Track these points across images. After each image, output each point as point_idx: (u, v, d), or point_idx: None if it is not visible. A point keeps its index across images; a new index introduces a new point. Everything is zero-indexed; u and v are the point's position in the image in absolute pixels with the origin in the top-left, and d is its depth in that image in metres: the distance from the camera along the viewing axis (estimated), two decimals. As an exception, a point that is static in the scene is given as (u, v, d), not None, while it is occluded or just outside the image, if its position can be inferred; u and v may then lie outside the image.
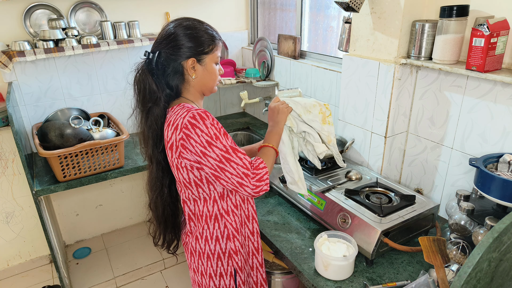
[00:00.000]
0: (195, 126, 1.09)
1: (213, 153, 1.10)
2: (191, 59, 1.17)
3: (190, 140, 1.10)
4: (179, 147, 1.13)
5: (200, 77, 1.22)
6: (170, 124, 1.15)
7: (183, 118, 1.11)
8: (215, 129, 1.11)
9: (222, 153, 1.10)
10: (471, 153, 1.49)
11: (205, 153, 1.10)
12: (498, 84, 1.34)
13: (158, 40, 1.20)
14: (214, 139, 1.10)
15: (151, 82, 1.17)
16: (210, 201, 1.24)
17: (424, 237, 1.21)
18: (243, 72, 2.82)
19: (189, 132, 1.10)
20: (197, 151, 1.10)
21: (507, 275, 0.92)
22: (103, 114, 2.43)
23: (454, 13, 1.35)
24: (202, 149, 1.10)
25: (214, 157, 1.10)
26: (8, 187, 2.47)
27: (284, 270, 1.82)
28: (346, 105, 1.85)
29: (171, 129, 1.14)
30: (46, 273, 2.63)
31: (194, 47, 1.17)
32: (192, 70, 1.19)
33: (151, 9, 2.56)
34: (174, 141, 1.13)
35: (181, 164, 1.17)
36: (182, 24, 1.18)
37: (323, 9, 2.32)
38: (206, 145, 1.09)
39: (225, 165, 1.11)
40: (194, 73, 1.20)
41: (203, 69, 1.21)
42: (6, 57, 2.05)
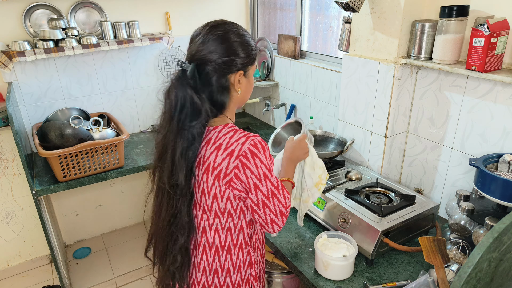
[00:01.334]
0: (255, 156, 0.99)
1: (265, 188, 1.02)
2: (239, 71, 1.04)
3: (246, 170, 0.99)
4: (231, 175, 1.00)
5: (244, 91, 1.09)
6: (221, 148, 1.01)
7: (241, 145, 0.99)
8: (271, 161, 1.03)
9: (273, 188, 1.03)
10: (471, 153, 1.49)
11: (258, 186, 1.01)
12: (498, 84, 1.34)
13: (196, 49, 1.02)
14: (270, 172, 1.02)
15: (193, 95, 0.99)
16: (235, 230, 1.12)
17: (424, 237, 1.21)
18: (243, 72, 2.81)
19: (247, 162, 0.99)
20: (249, 182, 1.00)
21: (507, 275, 0.92)
22: (103, 114, 2.43)
23: (454, 13, 1.35)
24: (257, 181, 1.00)
25: (264, 192, 1.02)
26: (8, 187, 2.47)
27: (284, 270, 1.82)
28: (346, 105, 1.85)
29: (223, 154, 1.00)
30: (46, 273, 2.63)
31: (245, 58, 1.04)
32: (239, 84, 1.05)
33: (151, 9, 2.56)
34: (224, 168, 1.00)
35: (222, 193, 1.03)
36: (232, 29, 1.03)
37: (323, 9, 2.32)
38: (263, 178, 1.01)
39: (269, 201, 1.03)
40: (240, 87, 1.06)
41: (247, 82, 1.09)
42: (6, 57, 2.05)
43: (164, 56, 2.67)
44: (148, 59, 2.64)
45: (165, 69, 2.71)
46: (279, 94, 2.63)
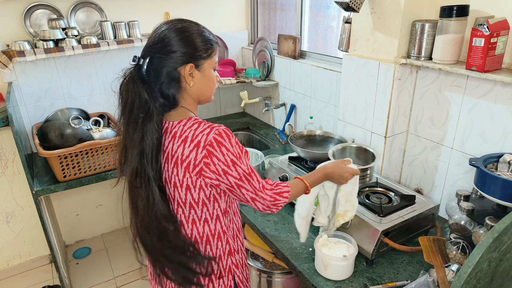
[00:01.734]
0: (221, 144, 1.03)
1: (235, 172, 1.05)
2: (189, 65, 1.07)
3: (213, 158, 1.03)
4: (200, 165, 1.03)
5: (198, 84, 1.11)
6: (187, 141, 1.04)
7: (206, 135, 1.03)
8: (239, 148, 1.07)
9: (244, 173, 1.07)
10: (471, 153, 1.49)
11: (227, 172, 1.04)
12: (498, 84, 1.34)
13: (149, 44, 1.08)
14: (238, 158, 1.05)
15: (142, 91, 1.03)
16: (212, 220, 1.15)
17: (424, 237, 1.21)
18: (243, 72, 2.82)
19: (213, 150, 1.02)
20: (218, 169, 1.04)
21: (507, 275, 0.92)
22: (103, 114, 2.43)
23: (454, 13, 1.35)
24: (225, 168, 1.04)
25: (235, 176, 1.06)
26: (8, 187, 2.47)
27: (284, 270, 1.82)
28: (346, 105, 1.85)
29: (190, 146, 1.04)
30: (46, 273, 2.63)
31: (192, 52, 1.07)
32: (190, 77, 1.08)
33: (151, 9, 2.56)
34: (193, 159, 1.03)
35: (194, 183, 1.07)
36: (177, 26, 1.08)
37: (323, 9, 2.32)
38: (230, 164, 1.04)
39: (243, 182, 1.07)
40: (192, 80, 1.09)
41: (201, 76, 1.11)
42: (6, 57, 2.05)
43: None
44: (148, 59, 2.63)
45: (165, 69, 2.70)
46: (279, 94, 2.63)
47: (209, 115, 3.05)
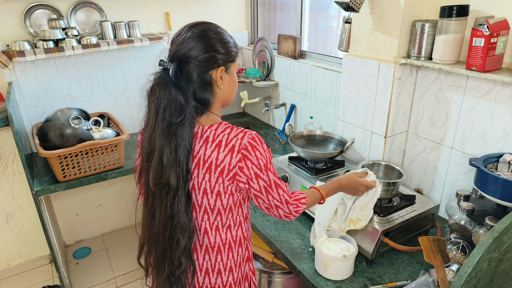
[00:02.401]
0: (255, 148, 1.03)
1: (266, 177, 1.05)
2: (220, 68, 1.06)
3: (247, 162, 1.02)
4: (235, 170, 1.03)
5: (227, 87, 1.10)
6: (221, 145, 1.02)
7: (240, 139, 1.02)
8: (269, 154, 1.07)
9: (274, 178, 1.07)
10: (471, 153, 1.49)
11: (258, 175, 1.04)
12: (498, 84, 1.34)
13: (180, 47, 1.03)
14: (269, 163, 1.06)
15: (176, 95, 1.00)
16: (235, 227, 1.13)
17: (424, 237, 1.21)
18: (243, 72, 2.82)
19: (248, 154, 1.02)
20: (251, 172, 1.03)
21: (507, 275, 0.92)
22: (103, 114, 2.43)
23: (454, 13, 1.35)
24: (258, 171, 1.04)
25: (266, 180, 1.05)
26: (8, 187, 2.47)
27: (284, 270, 1.82)
28: (346, 105, 1.85)
29: (224, 150, 1.02)
30: (46, 273, 2.63)
31: (225, 54, 1.06)
32: (221, 80, 1.07)
33: (151, 9, 2.56)
34: (228, 164, 1.02)
35: (226, 189, 1.05)
36: (205, 29, 1.05)
37: (323, 9, 2.32)
38: (263, 168, 1.04)
39: (271, 189, 1.07)
40: (222, 84, 1.08)
41: (229, 79, 1.10)
42: (6, 57, 2.05)
43: (164, 56, 2.67)
44: (148, 59, 2.64)
45: (165, 69, 2.70)
46: (279, 94, 2.63)
47: (209, 115, 3.04)
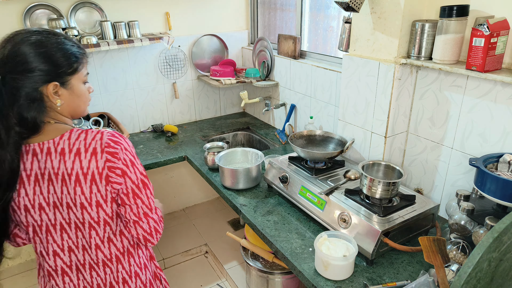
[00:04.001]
0: (118, 143, 0.98)
1: (134, 175, 1.01)
2: (52, 83, 0.94)
3: (115, 158, 0.97)
4: (105, 171, 0.96)
5: (68, 102, 1.00)
6: (81, 152, 0.95)
7: (100, 140, 0.96)
8: (133, 150, 1.03)
9: (142, 177, 1.03)
10: (471, 153, 1.49)
11: (126, 173, 0.99)
12: (498, 84, 1.34)
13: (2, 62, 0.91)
14: (135, 159, 1.02)
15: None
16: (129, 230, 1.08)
17: (424, 237, 1.21)
18: (243, 72, 2.82)
19: (114, 150, 0.97)
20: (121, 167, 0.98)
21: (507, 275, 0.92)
22: (103, 114, 2.43)
23: (454, 13, 1.35)
24: (124, 168, 0.99)
25: (133, 179, 1.01)
26: (8, 187, 2.47)
27: (284, 270, 1.82)
28: (346, 105, 1.85)
29: (86, 157, 0.95)
30: (46, 273, 2.63)
31: (54, 69, 0.94)
32: (56, 96, 0.96)
33: (151, 9, 2.56)
34: (95, 168, 0.95)
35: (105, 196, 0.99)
36: (31, 39, 0.92)
37: (323, 9, 2.32)
38: (129, 164, 1.00)
39: (140, 191, 1.02)
40: (59, 99, 0.97)
41: (69, 93, 0.99)
42: (6, 57, 2.05)
43: (164, 56, 2.67)
44: (148, 59, 2.64)
45: (165, 69, 2.71)
46: (279, 94, 2.63)
47: (209, 115, 3.05)
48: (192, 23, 2.74)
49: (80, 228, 1.03)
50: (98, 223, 1.02)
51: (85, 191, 0.97)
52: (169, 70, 2.73)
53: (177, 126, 2.82)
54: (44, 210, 1.00)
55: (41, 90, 0.94)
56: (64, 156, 0.95)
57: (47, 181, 0.97)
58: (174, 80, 2.78)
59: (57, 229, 1.03)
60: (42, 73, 0.92)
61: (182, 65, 2.76)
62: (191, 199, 3.30)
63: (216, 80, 2.70)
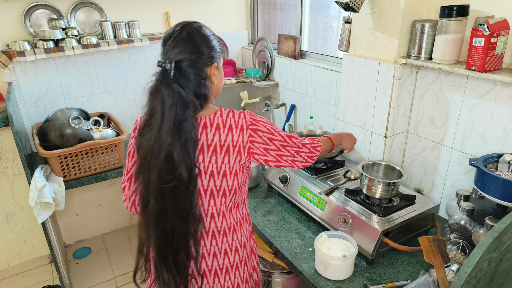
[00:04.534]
0: (258, 120, 1.15)
1: (279, 136, 1.18)
2: (214, 64, 1.13)
3: (258, 132, 1.14)
4: (248, 144, 1.13)
5: (218, 81, 1.19)
6: (233, 128, 1.12)
7: (244, 119, 1.13)
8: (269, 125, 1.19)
9: (286, 134, 1.21)
10: (471, 153, 1.49)
11: (272, 139, 1.16)
12: (498, 84, 1.34)
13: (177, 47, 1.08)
14: (273, 125, 1.19)
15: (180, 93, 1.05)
16: (239, 207, 1.22)
17: (424, 237, 1.21)
18: (243, 72, 2.82)
19: (255, 127, 1.14)
20: (264, 139, 1.15)
21: (507, 275, 0.92)
22: (103, 114, 2.43)
23: (454, 13, 1.35)
24: (270, 135, 1.16)
25: (280, 139, 1.18)
26: (8, 187, 2.47)
27: (284, 270, 1.82)
28: (346, 105, 1.85)
29: (237, 131, 1.12)
30: (46, 273, 2.63)
31: (215, 52, 1.14)
32: (214, 75, 1.15)
33: (151, 9, 2.56)
34: (242, 143, 1.12)
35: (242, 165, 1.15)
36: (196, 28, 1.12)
37: (323, 9, 2.32)
38: (272, 130, 1.17)
39: (287, 142, 1.20)
40: (216, 78, 1.16)
41: (219, 73, 1.19)
42: (6, 57, 2.05)
43: (164, 56, 2.67)
44: (148, 59, 2.64)
45: (165, 69, 2.70)
46: (279, 94, 2.63)
47: (209, 115, 3.05)
48: (192, 23, 2.73)
49: (214, 195, 1.15)
50: (218, 192, 1.15)
51: (231, 160, 1.12)
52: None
53: (177, 126, 2.81)
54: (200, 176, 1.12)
55: (206, 70, 1.12)
56: (219, 130, 1.11)
57: (199, 151, 1.11)
58: (174, 80, 2.78)
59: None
60: (208, 55, 1.11)
61: (182, 65, 2.76)
62: (191, 199, 3.30)
63: (216, 80, 2.70)
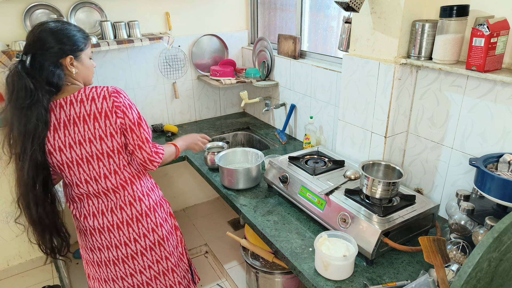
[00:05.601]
0: (119, 91, 1.35)
1: (131, 115, 1.36)
2: (68, 57, 1.31)
3: (119, 99, 1.33)
4: (114, 109, 1.32)
5: (80, 71, 1.37)
6: (95, 98, 1.31)
7: (106, 90, 1.33)
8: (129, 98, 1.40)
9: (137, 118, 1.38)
10: (471, 153, 1.49)
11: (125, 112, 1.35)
12: (498, 84, 1.34)
13: (30, 42, 1.28)
14: (132, 104, 1.38)
15: (27, 82, 1.24)
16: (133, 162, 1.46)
17: (424, 237, 1.21)
18: (243, 72, 2.82)
19: (116, 95, 1.33)
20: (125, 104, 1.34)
21: (507, 275, 0.92)
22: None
23: (454, 13, 1.35)
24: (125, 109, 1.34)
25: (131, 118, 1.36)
26: (8, 187, 2.47)
27: (284, 270, 1.82)
28: (346, 105, 1.85)
29: (99, 100, 1.31)
30: (46, 273, 2.63)
31: (72, 45, 1.32)
32: (72, 66, 1.33)
33: (151, 9, 2.56)
34: (107, 108, 1.31)
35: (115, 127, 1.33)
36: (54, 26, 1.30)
37: (323, 9, 2.32)
38: (128, 107, 1.36)
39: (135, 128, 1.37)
40: (74, 68, 1.34)
41: (80, 65, 1.37)
42: (6, 57, 2.05)
43: (164, 56, 2.67)
44: (148, 59, 2.64)
45: (165, 69, 2.71)
46: (279, 94, 2.63)
47: (209, 115, 3.05)
48: (192, 23, 2.74)
49: (100, 158, 1.37)
50: (113, 151, 1.37)
51: (101, 124, 1.32)
52: (169, 70, 2.73)
53: (177, 126, 2.82)
54: (72, 148, 1.34)
55: (62, 61, 1.31)
56: (83, 103, 1.31)
57: (73, 124, 1.32)
58: (174, 80, 2.78)
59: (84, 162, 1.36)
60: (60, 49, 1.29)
61: (182, 65, 2.76)
62: (191, 199, 3.30)
63: (216, 80, 2.70)
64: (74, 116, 1.31)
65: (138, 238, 1.49)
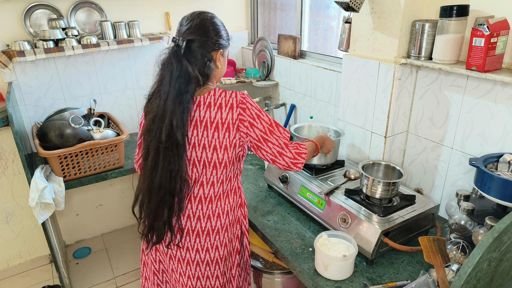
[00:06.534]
0: (247, 101, 1.25)
1: (260, 125, 1.26)
2: (220, 50, 1.29)
3: (246, 111, 1.25)
4: (237, 122, 1.25)
5: (221, 67, 1.34)
6: (222, 106, 1.24)
7: (235, 98, 1.24)
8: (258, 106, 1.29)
9: (268, 126, 1.28)
10: (471, 153, 1.49)
11: (260, 116, 1.26)
12: (498, 84, 1.34)
13: (191, 28, 1.24)
14: (261, 113, 1.27)
15: (187, 66, 1.21)
16: (234, 178, 1.38)
17: (424, 237, 1.21)
18: (243, 72, 2.82)
19: (244, 106, 1.24)
20: (253, 115, 1.25)
21: (507, 275, 0.92)
22: (103, 114, 2.43)
23: (454, 13, 1.35)
24: (251, 120, 1.25)
25: (260, 128, 1.26)
26: (8, 187, 2.47)
27: (284, 270, 1.82)
28: (346, 105, 1.85)
29: (226, 109, 1.24)
30: (46, 273, 2.63)
31: (225, 40, 1.32)
32: (219, 60, 1.31)
33: (151, 9, 2.56)
34: (231, 120, 1.24)
35: (232, 141, 1.27)
36: (210, 17, 1.29)
37: (323, 9, 2.32)
38: (255, 116, 1.26)
39: (268, 137, 1.28)
40: (220, 63, 1.31)
41: (223, 61, 1.35)
42: (6, 57, 2.05)
43: (164, 56, 2.67)
44: (148, 59, 2.64)
45: (165, 69, 2.70)
46: (279, 94, 2.63)
47: (209, 115, 3.05)
48: (192, 23, 2.73)
49: (206, 166, 1.30)
50: (221, 164, 1.30)
51: (220, 135, 1.26)
52: (169, 70, 2.72)
53: (177, 126, 2.81)
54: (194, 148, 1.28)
55: (213, 54, 1.28)
56: (210, 108, 1.25)
57: (193, 126, 1.26)
58: (174, 80, 2.78)
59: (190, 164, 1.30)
60: (216, 42, 1.28)
61: (182, 65, 2.76)
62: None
63: (216, 80, 2.70)
64: (197, 119, 1.26)
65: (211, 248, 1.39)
